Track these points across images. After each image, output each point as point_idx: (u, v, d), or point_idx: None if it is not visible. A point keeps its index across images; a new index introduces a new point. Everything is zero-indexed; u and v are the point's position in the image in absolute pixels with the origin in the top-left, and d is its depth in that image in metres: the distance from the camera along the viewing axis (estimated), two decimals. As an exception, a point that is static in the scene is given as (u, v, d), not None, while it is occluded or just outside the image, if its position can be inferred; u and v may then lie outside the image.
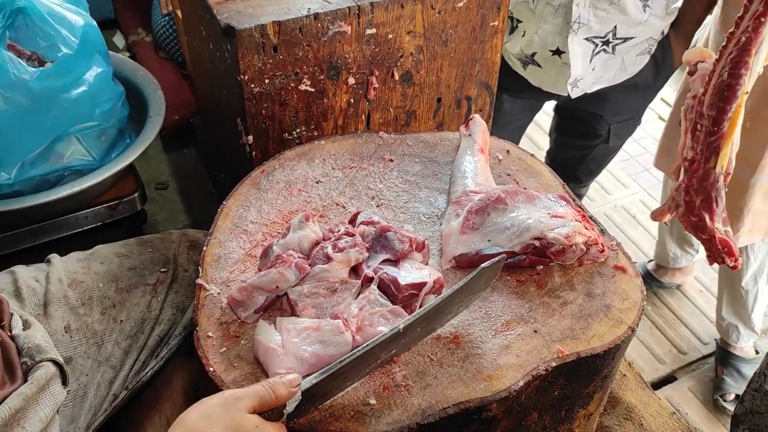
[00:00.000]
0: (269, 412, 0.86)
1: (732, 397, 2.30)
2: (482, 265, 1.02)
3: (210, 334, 1.05)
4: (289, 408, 0.88)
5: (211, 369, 1.00)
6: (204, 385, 1.07)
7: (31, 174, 1.57)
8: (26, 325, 1.10)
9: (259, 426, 0.83)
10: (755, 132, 1.78)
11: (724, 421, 2.25)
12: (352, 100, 1.55)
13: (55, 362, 1.04)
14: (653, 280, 2.67)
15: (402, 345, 0.99)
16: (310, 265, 1.10)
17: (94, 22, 1.66)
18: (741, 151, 1.20)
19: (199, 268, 1.16)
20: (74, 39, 1.57)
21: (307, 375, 0.93)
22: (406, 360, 1.02)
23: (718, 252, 1.16)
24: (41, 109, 1.53)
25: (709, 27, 1.95)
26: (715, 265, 1.27)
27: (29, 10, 1.54)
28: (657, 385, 2.38)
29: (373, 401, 0.97)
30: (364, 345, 0.93)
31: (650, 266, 2.69)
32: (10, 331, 1.07)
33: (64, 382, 1.06)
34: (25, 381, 0.99)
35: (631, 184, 3.22)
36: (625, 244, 2.84)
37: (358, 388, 0.98)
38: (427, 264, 1.16)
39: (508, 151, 1.45)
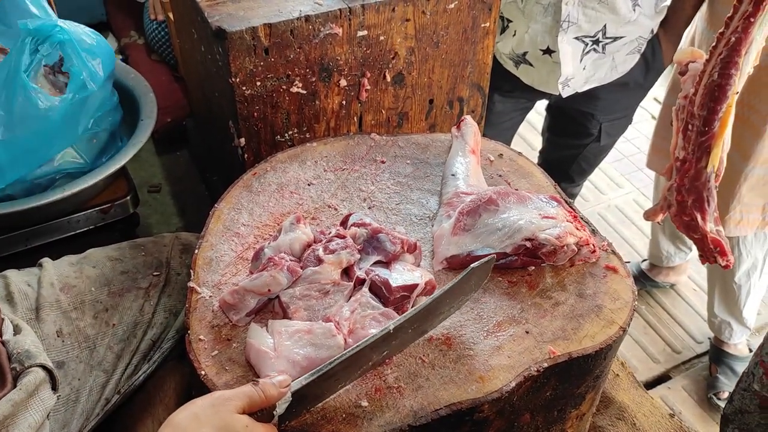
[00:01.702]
0: (259, 413, 0.86)
1: (726, 395, 2.31)
2: (472, 266, 1.01)
3: (202, 337, 1.05)
4: (280, 409, 0.88)
5: (203, 372, 1.00)
6: (196, 389, 1.06)
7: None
8: (17, 330, 1.10)
9: (249, 426, 0.83)
10: (748, 122, 1.79)
11: (718, 420, 2.26)
12: (344, 102, 1.55)
13: (44, 367, 1.03)
14: (647, 279, 2.68)
15: (393, 347, 0.99)
16: (301, 268, 1.09)
17: (114, 55, 1.68)
18: (735, 140, 1.21)
19: (191, 271, 1.16)
20: (101, 73, 1.59)
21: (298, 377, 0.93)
22: (398, 362, 1.02)
23: (710, 251, 1.16)
24: (54, 133, 1.56)
25: (696, 24, 1.96)
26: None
27: (67, 43, 1.55)
28: (651, 384, 2.39)
29: (365, 403, 0.97)
30: (354, 346, 0.93)
31: (644, 266, 2.70)
32: (1, 336, 1.06)
33: (54, 388, 1.05)
34: (14, 387, 0.99)
35: (625, 184, 3.23)
36: (619, 244, 2.87)
37: (350, 390, 0.98)
38: (419, 265, 1.16)
39: (501, 155, 1.45)
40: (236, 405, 0.84)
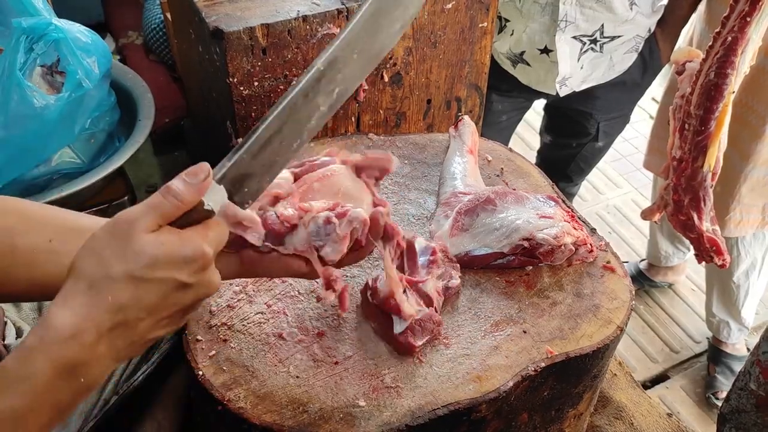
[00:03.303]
0: (187, 217, 0.71)
1: (724, 395, 2.30)
2: None
3: (199, 337, 1.05)
4: (212, 204, 0.72)
5: (200, 373, 1.00)
6: (193, 389, 1.07)
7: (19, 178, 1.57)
8: (19, 332, 1.10)
9: (167, 241, 0.67)
10: (746, 123, 1.79)
11: (716, 419, 2.26)
12: (341, 102, 1.55)
13: None
14: (646, 279, 2.68)
15: (339, 81, 0.82)
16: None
17: (110, 53, 1.68)
18: (734, 140, 1.21)
19: (189, 271, 1.16)
20: (96, 71, 1.59)
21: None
22: (395, 362, 1.02)
23: (706, 250, 1.17)
24: (51, 132, 1.57)
25: (694, 24, 1.96)
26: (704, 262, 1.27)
27: (62, 41, 1.56)
28: (650, 383, 2.39)
29: (362, 403, 0.97)
30: (284, 95, 0.79)
31: (642, 265, 2.70)
32: (4, 340, 1.06)
33: None
34: None
35: (623, 184, 3.24)
36: (618, 244, 2.88)
37: (347, 389, 0.98)
38: None
39: (502, 169, 1.45)
40: (144, 225, 0.67)
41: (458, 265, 1.15)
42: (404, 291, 1.06)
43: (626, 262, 2.72)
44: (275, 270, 0.90)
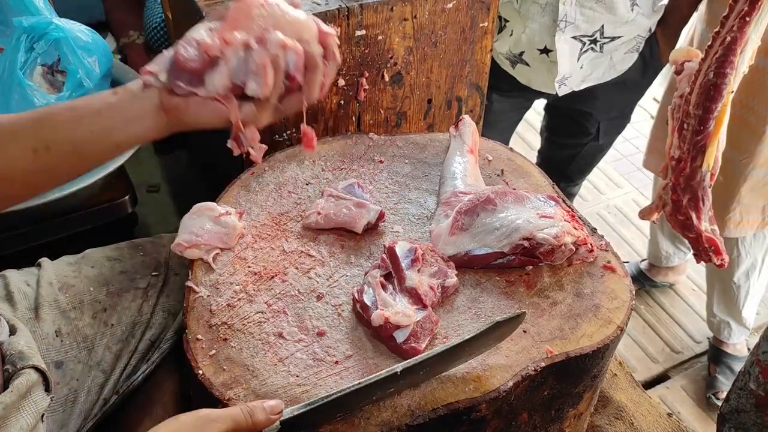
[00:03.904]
0: None
1: (725, 395, 2.30)
2: (497, 319, 0.99)
3: (199, 336, 1.05)
4: None
5: (200, 372, 1.00)
6: (193, 389, 1.07)
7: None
8: (12, 330, 1.09)
9: None
10: (746, 123, 1.80)
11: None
12: (342, 102, 1.55)
13: (37, 369, 1.03)
14: (646, 279, 2.68)
15: (400, 386, 0.97)
16: None
17: (111, 52, 1.69)
18: (734, 140, 1.20)
19: (189, 270, 1.16)
20: (97, 71, 1.59)
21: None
22: (395, 361, 1.02)
23: (705, 250, 1.17)
24: None
25: (694, 24, 1.96)
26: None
27: (63, 40, 1.56)
28: (650, 384, 2.39)
29: (362, 403, 0.97)
30: (358, 383, 0.91)
31: (643, 266, 2.70)
32: None
33: (48, 389, 1.05)
34: (6, 389, 0.98)
35: (624, 184, 3.24)
36: (618, 244, 2.87)
37: (347, 389, 0.98)
38: None
39: (502, 169, 1.45)
40: (220, 428, 0.83)
41: (452, 263, 1.15)
42: (392, 294, 1.08)
43: (627, 262, 2.72)
44: (205, 116, 0.88)
